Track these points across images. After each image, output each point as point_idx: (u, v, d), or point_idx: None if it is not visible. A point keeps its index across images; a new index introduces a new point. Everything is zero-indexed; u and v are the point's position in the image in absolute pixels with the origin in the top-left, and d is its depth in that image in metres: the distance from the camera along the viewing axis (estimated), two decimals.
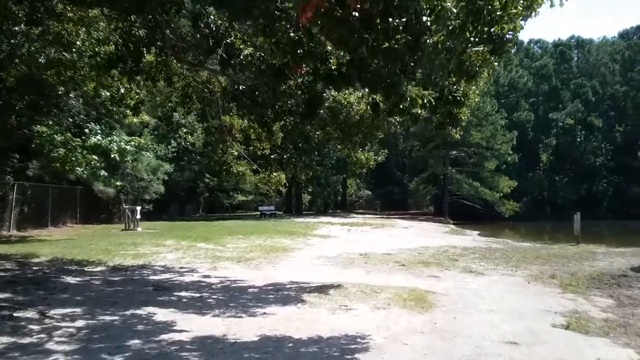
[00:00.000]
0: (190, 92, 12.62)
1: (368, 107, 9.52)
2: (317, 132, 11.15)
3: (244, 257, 14.63)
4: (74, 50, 13.57)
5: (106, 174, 20.62)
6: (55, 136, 18.98)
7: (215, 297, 9.20)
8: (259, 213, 46.14)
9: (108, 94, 14.12)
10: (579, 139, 75.67)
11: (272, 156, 12.03)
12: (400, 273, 12.66)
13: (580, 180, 67.70)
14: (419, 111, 7.45)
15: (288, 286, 10.41)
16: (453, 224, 45.62)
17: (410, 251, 17.82)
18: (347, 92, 9.67)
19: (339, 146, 11.74)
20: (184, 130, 16.19)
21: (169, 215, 44.25)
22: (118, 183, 24.45)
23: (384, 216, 50.81)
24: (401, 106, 6.94)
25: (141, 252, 15.04)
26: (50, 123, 19.82)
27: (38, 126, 19.78)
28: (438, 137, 52.65)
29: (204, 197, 52.31)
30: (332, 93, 9.52)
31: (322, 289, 9.89)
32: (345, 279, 11.28)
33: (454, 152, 54.33)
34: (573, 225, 24.12)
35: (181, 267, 12.75)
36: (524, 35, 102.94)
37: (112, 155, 20.06)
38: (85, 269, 11.83)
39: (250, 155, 12.33)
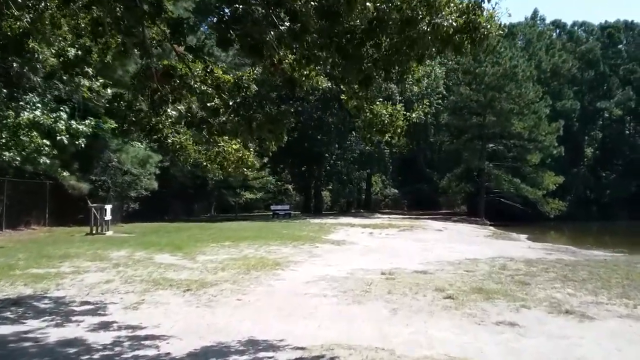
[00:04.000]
0: (102, 16, 7.63)
1: None
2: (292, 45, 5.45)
3: (202, 281, 9.55)
4: None
5: (48, 161, 15.68)
6: None
7: None
8: (271, 213, 41.74)
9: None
10: (627, 131, 68.73)
11: (208, 104, 6.69)
12: (448, 315, 7.40)
13: (630, 177, 61.09)
14: None
15: (233, 356, 5.29)
16: (491, 225, 39.99)
17: (453, 267, 12.47)
18: None
19: (342, 94, 6.37)
20: (88, 83, 10.08)
21: (174, 215, 39.87)
22: (65, 174, 19.53)
23: (413, 216, 45.27)
24: None
25: (53, 272, 10.08)
26: None
27: None
28: (473, 127, 46.82)
29: (214, 196, 47.53)
30: None
31: None
32: (350, 333, 6.17)
33: (491, 145, 48.12)
34: (625, 226, 18.49)
35: (84, 302, 7.75)
36: (567, 17, 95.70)
37: (59, 137, 15.15)
38: None
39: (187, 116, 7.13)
